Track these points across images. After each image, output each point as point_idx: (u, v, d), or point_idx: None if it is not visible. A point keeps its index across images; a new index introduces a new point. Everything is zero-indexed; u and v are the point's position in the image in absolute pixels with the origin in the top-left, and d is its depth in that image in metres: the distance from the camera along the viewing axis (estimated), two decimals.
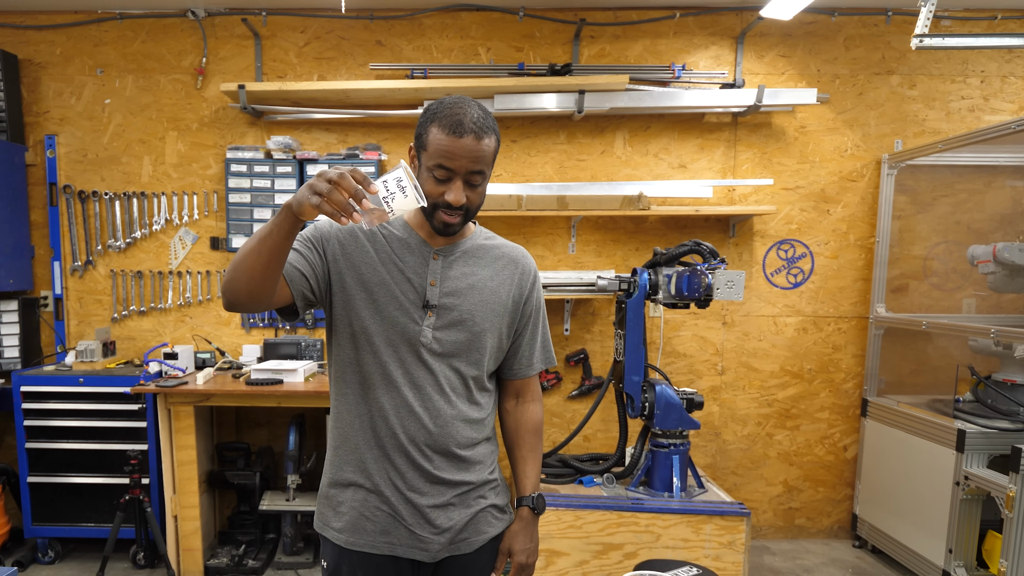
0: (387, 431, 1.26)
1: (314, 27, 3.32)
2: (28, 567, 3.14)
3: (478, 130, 1.15)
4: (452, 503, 1.29)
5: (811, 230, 3.45)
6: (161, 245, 3.48)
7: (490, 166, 1.21)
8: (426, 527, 1.27)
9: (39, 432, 3.08)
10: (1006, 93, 3.34)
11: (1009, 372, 2.82)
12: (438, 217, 1.20)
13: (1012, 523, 2.39)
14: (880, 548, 3.29)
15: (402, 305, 1.24)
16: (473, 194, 1.20)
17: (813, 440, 3.56)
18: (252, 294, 1.14)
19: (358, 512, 1.28)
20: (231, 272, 1.13)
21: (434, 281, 1.26)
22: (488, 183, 1.26)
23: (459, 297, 1.27)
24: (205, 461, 3.18)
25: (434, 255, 1.28)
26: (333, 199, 0.96)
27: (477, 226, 1.38)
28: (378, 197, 1.00)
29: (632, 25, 3.31)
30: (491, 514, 1.35)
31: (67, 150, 3.43)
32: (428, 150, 1.17)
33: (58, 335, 3.51)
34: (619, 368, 2.90)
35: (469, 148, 1.14)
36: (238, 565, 3.06)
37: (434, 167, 1.16)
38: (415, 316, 1.24)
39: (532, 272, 1.38)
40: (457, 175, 1.16)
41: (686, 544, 2.70)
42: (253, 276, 1.11)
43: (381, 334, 1.24)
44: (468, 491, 1.31)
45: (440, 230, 1.22)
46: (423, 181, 1.19)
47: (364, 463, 1.27)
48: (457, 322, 1.26)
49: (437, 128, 1.15)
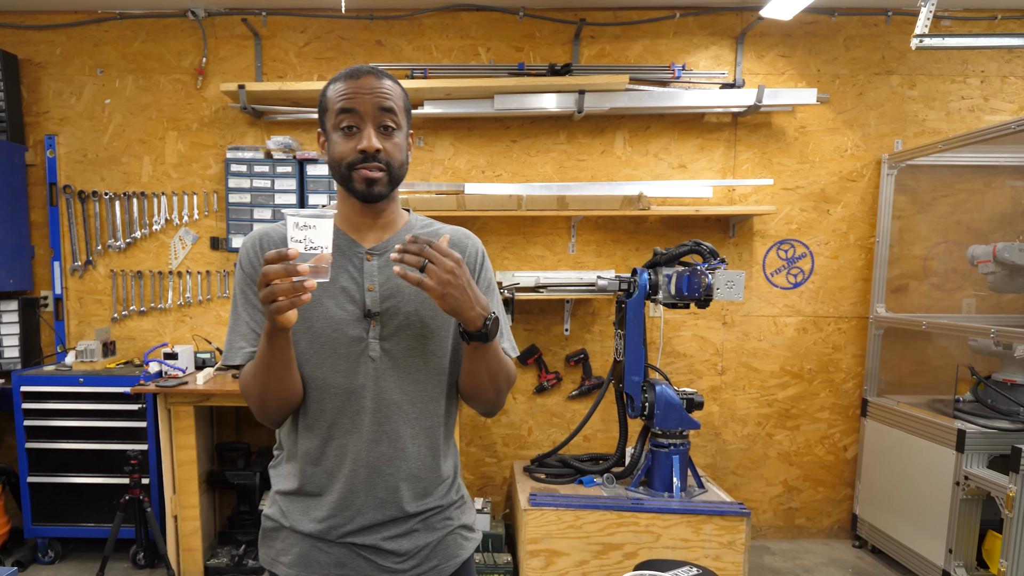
0: (341, 463, 1.13)
1: (314, 27, 3.32)
2: (28, 567, 3.14)
3: (376, 72, 1.08)
4: (416, 529, 1.17)
5: (811, 230, 3.45)
6: (161, 245, 3.47)
7: (403, 114, 1.11)
8: (388, 556, 1.14)
9: (39, 432, 3.08)
10: (1006, 93, 3.34)
11: (1009, 372, 2.83)
12: (357, 177, 1.08)
13: (1012, 523, 2.39)
14: (880, 548, 3.29)
15: (341, 324, 1.11)
16: (389, 144, 1.08)
17: (813, 440, 3.57)
18: (289, 402, 1.10)
19: (310, 544, 1.15)
20: (260, 405, 1.09)
21: (372, 285, 1.13)
22: (407, 142, 1.14)
23: (401, 298, 1.13)
24: (205, 461, 3.17)
25: (367, 255, 1.15)
26: (279, 292, 0.90)
27: (412, 214, 1.25)
28: (303, 254, 0.93)
29: (632, 25, 3.31)
30: (460, 535, 1.24)
31: (67, 150, 3.43)
32: (329, 108, 1.09)
33: (58, 335, 3.51)
34: (619, 368, 2.90)
35: (370, 85, 1.06)
36: (238, 565, 3.05)
37: (339, 118, 1.07)
38: (358, 330, 1.11)
39: (479, 252, 1.24)
40: (365, 119, 1.06)
41: (686, 544, 2.70)
42: (282, 391, 1.07)
43: (326, 363, 1.12)
44: (433, 515, 1.19)
45: (363, 194, 1.09)
46: (332, 147, 1.10)
47: (320, 493, 1.15)
48: (404, 326, 1.13)
49: (333, 84, 1.10)
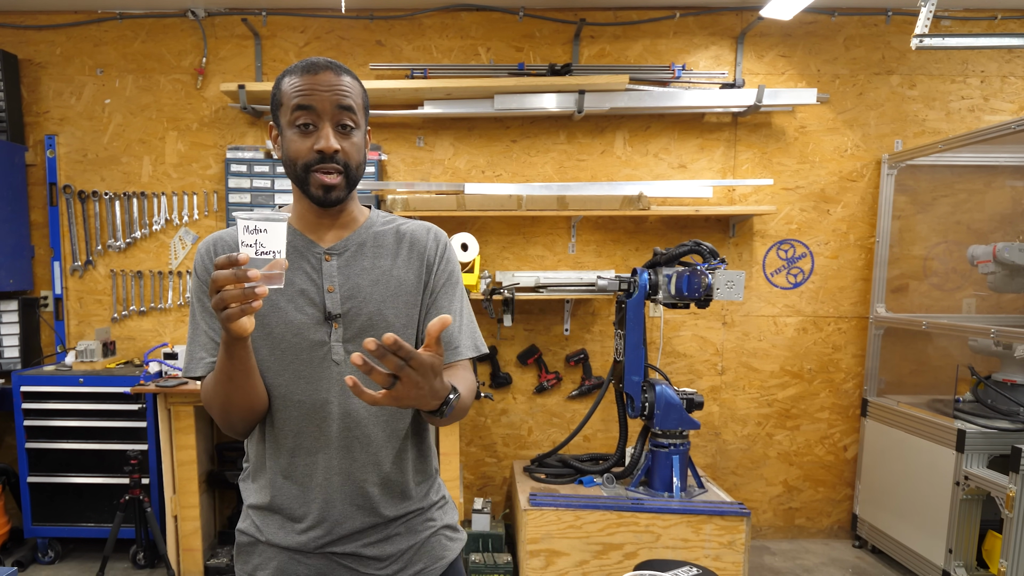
0: (312, 474, 1.09)
1: (314, 27, 3.32)
2: (28, 567, 3.15)
3: (335, 67, 1.03)
4: (397, 532, 1.13)
5: (811, 230, 3.46)
6: (161, 245, 3.48)
7: (361, 112, 1.06)
8: (369, 563, 1.11)
9: (39, 432, 3.09)
10: (1006, 93, 3.35)
11: (1009, 372, 2.83)
12: (314, 181, 1.03)
13: (1012, 523, 2.39)
14: (880, 548, 3.29)
15: (302, 328, 1.07)
16: (348, 144, 1.03)
17: (813, 440, 3.58)
18: (254, 412, 1.06)
19: (287, 557, 1.12)
20: (224, 416, 1.05)
21: (332, 287, 1.08)
22: (365, 140, 1.09)
23: (362, 298, 1.09)
24: (205, 461, 3.17)
25: (326, 255, 1.10)
26: (229, 299, 0.85)
27: (373, 209, 1.20)
28: (253, 258, 0.89)
29: (632, 25, 3.32)
30: (444, 536, 1.20)
31: (67, 150, 3.43)
32: (284, 103, 1.03)
33: (58, 335, 3.52)
34: (619, 368, 2.91)
35: (329, 81, 1.01)
36: None
37: (294, 115, 1.01)
38: (320, 334, 1.07)
39: (440, 244, 1.17)
40: (323, 117, 1.01)
41: (686, 544, 2.71)
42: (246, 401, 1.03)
43: (288, 369, 1.08)
44: (413, 517, 1.16)
45: (320, 199, 1.05)
46: (287, 144, 1.04)
47: (294, 505, 1.11)
48: (367, 327, 1.08)
49: (288, 77, 1.03)
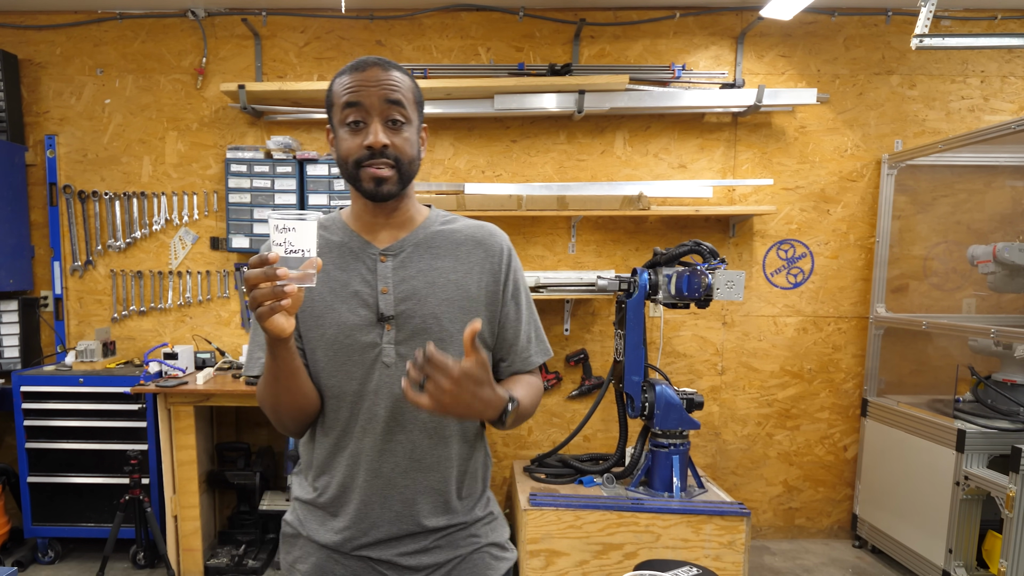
0: (354, 474, 1.10)
1: (314, 27, 3.32)
2: (28, 567, 3.15)
3: (383, 63, 1.03)
4: (437, 545, 1.12)
5: (811, 230, 3.46)
6: (161, 245, 3.48)
7: (412, 107, 1.05)
8: (406, 572, 1.10)
9: (39, 432, 3.09)
10: (1006, 93, 3.36)
11: (1009, 372, 2.83)
12: (364, 175, 1.03)
13: (1012, 523, 2.40)
14: (880, 548, 3.30)
15: (354, 329, 1.07)
16: (398, 139, 1.03)
17: (813, 440, 3.58)
18: (303, 412, 1.08)
19: (325, 555, 1.13)
20: (275, 416, 1.08)
21: (386, 288, 1.07)
22: (419, 136, 1.09)
23: (418, 300, 1.07)
24: (205, 461, 3.18)
25: (381, 256, 1.09)
26: (260, 297, 0.87)
27: (433, 209, 1.18)
28: (284, 257, 0.90)
29: (632, 25, 3.32)
30: (489, 554, 1.16)
31: (67, 150, 3.43)
32: (335, 103, 1.04)
33: (58, 335, 3.52)
34: (619, 368, 2.90)
35: (376, 77, 1.01)
36: (238, 565, 3.06)
37: (344, 113, 1.02)
38: (372, 336, 1.07)
39: (505, 251, 1.15)
40: (371, 113, 1.01)
41: (686, 544, 2.71)
42: (293, 402, 1.05)
43: (340, 371, 1.08)
44: (456, 531, 1.13)
45: (371, 192, 1.04)
46: (339, 144, 1.05)
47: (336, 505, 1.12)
48: (421, 330, 1.07)
49: (339, 77, 1.05)
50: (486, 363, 0.94)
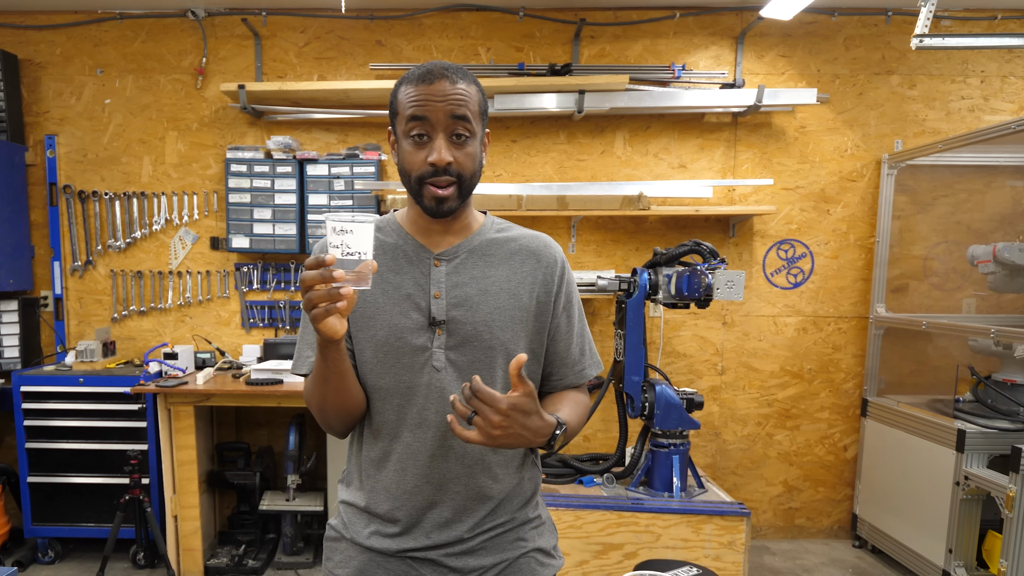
0: (403, 478, 1.10)
1: (314, 27, 3.34)
2: (28, 567, 3.16)
3: (451, 74, 1.00)
4: (483, 547, 1.11)
5: (811, 230, 3.47)
6: (161, 245, 3.49)
7: (477, 119, 1.04)
8: (450, 574, 1.10)
9: (39, 432, 3.10)
10: (1006, 93, 3.37)
11: (1009, 372, 2.84)
12: (427, 193, 1.02)
13: (1012, 523, 2.40)
14: (880, 548, 3.31)
15: (405, 332, 1.07)
16: (461, 154, 1.01)
17: (813, 440, 3.59)
18: (349, 413, 1.09)
19: (368, 557, 1.12)
20: (321, 415, 1.09)
21: (438, 292, 1.08)
22: (482, 146, 1.07)
23: (470, 307, 1.07)
24: (205, 461, 3.19)
25: (436, 261, 1.09)
26: (316, 299, 0.88)
27: (488, 216, 1.17)
28: (340, 259, 0.90)
29: (632, 25, 3.33)
30: (535, 560, 1.14)
31: (67, 150, 3.44)
32: (400, 112, 1.02)
33: (58, 335, 3.53)
34: (619, 368, 2.90)
35: (443, 90, 0.99)
36: (238, 565, 3.08)
37: (409, 126, 1.01)
38: (423, 339, 1.07)
39: (559, 263, 1.15)
40: (436, 128, 0.99)
41: (686, 544, 2.71)
42: (340, 402, 1.06)
43: (389, 373, 1.09)
44: (502, 533, 1.12)
45: (432, 210, 1.04)
46: (402, 156, 1.04)
47: (382, 506, 1.12)
48: (472, 337, 1.07)
49: (404, 86, 1.02)
50: (534, 393, 0.94)
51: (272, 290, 3.54)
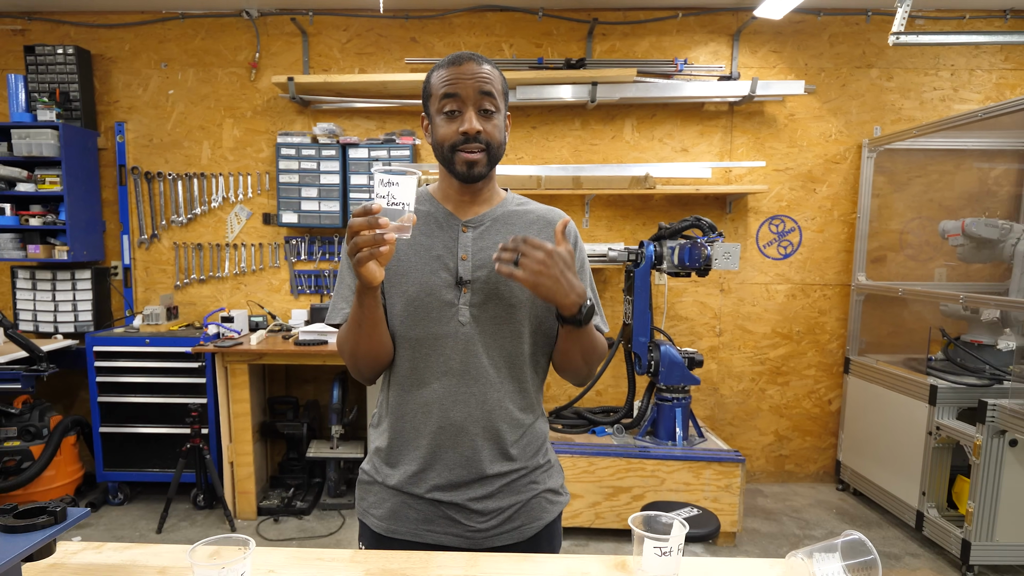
0: (427, 421, 1.11)
1: (355, 26, 3.40)
2: (100, 508, 3.26)
3: (476, 58, 1.05)
4: (500, 491, 1.13)
5: (799, 207, 3.49)
6: (219, 220, 3.55)
7: (501, 97, 1.08)
8: (472, 516, 1.12)
9: (109, 387, 3.17)
10: (973, 85, 3.40)
11: (976, 333, 2.93)
12: (458, 159, 1.06)
13: (979, 469, 2.49)
14: (861, 491, 3.37)
15: (434, 289, 1.09)
16: (489, 125, 1.06)
17: (801, 395, 3.62)
18: (378, 359, 1.11)
19: (400, 499, 1.14)
20: (352, 361, 1.10)
21: (465, 255, 1.11)
22: (505, 123, 1.11)
23: (491, 268, 1.09)
24: (258, 413, 3.25)
25: (463, 227, 1.12)
26: (361, 243, 0.90)
27: (510, 192, 1.22)
28: (385, 208, 0.91)
29: (639, 24, 3.37)
30: (546, 499, 1.18)
31: (135, 135, 3.50)
32: (433, 94, 1.07)
33: (127, 301, 3.60)
34: (628, 330, 2.99)
35: (472, 71, 1.04)
36: (287, 506, 3.15)
37: (442, 103, 1.05)
38: (450, 296, 1.09)
39: (570, 232, 1.17)
40: (467, 103, 1.04)
41: (688, 487, 2.81)
42: (371, 349, 1.08)
43: (419, 326, 1.10)
44: (517, 478, 1.14)
45: (463, 175, 1.08)
46: (436, 130, 1.08)
47: (409, 449, 1.14)
48: (494, 295, 1.10)
49: (436, 71, 1.07)
50: (573, 253, 1.00)
51: (318, 260, 3.56)
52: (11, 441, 2.99)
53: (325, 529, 3.05)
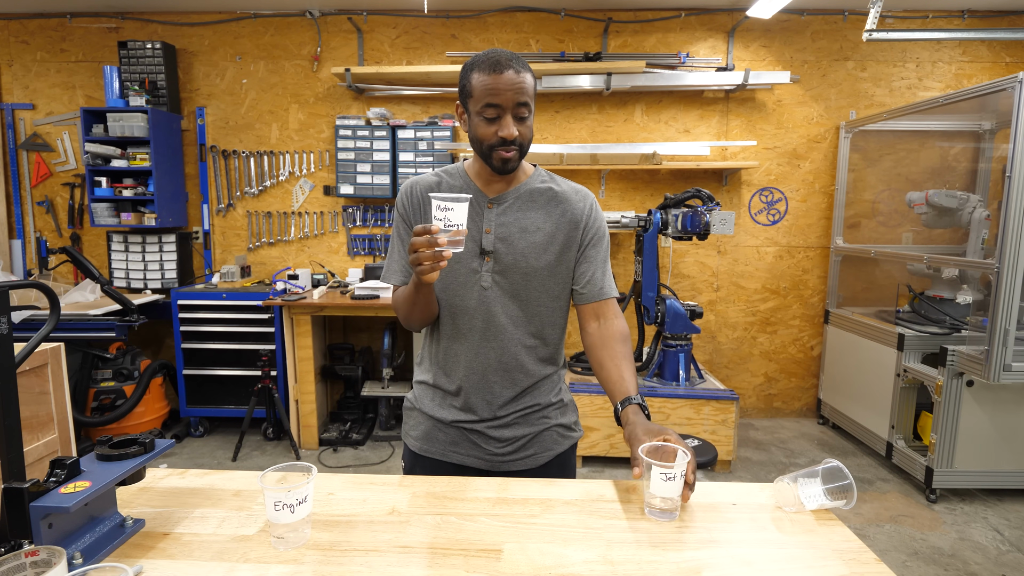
0: (457, 366, 1.19)
1: (403, 24, 3.53)
2: (183, 439, 3.42)
3: (516, 65, 1.05)
4: (516, 422, 1.19)
5: (786, 180, 3.60)
6: (285, 192, 3.68)
7: (533, 100, 1.09)
8: (491, 442, 1.19)
9: (191, 335, 3.32)
10: (935, 75, 3.52)
11: (938, 289, 3.05)
12: (495, 156, 1.09)
13: (940, 406, 2.58)
14: (838, 425, 3.49)
15: (463, 258, 1.14)
16: (523, 128, 1.08)
17: (787, 342, 3.74)
18: (427, 321, 1.20)
19: (432, 424, 1.22)
20: (406, 320, 1.19)
21: (489, 229, 1.15)
22: (533, 121, 1.13)
23: (511, 242, 1.14)
24: (319, 358, 3.36)
25: (489, 203, 1.16)
26: (422, 260, 0.95)
27: (537, 169, 1.22)
28: (443, 230, 0.95)
29: (648, 22, 3.49)
30: (557, 432, 1.23)
31: (213, 119, 3.64)
32: (474, 95, 1.07)
33: (206, 261, 3.76)
34: (638, 286, 3.11)
35: (511, 81, 1.04)
36: (345, 438, 3.27)
37: (482, 108, 1.06)
38: (475, 264, 1.14)
39: (588, 205, 1.19)
40: (505, 110, 1.05)
41: (689, 422, 2.93)
42: (422, 314, 1.16)
43: (449, 288, 1.17)
44: (529, 413, 1.20)
45: (499, 168, 1.10)
46: (474, 127, 1.09)
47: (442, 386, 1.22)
48: (512, 265, 1.14)
49: (478, 73, 1.06)
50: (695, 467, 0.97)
51: (371, 226, 3.69)
52: (107, 382, 3.14)
53: (377, 457, 3.15)
